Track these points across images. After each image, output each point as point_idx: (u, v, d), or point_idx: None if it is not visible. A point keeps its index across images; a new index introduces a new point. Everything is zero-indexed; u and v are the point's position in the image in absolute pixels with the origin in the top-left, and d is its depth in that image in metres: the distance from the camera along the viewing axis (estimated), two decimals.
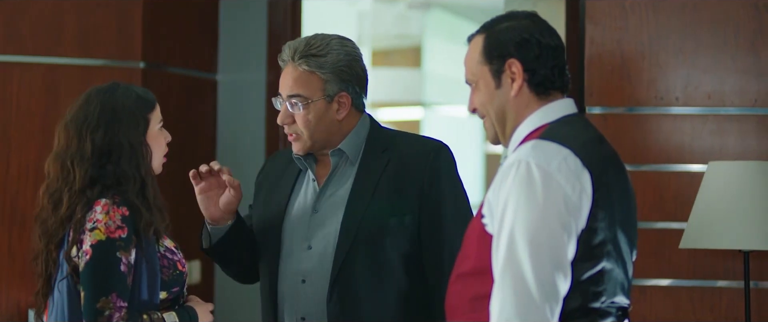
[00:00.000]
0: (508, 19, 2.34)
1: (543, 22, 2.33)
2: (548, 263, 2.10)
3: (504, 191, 2.17)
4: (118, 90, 2.66)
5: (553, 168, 2.15)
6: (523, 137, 2.28)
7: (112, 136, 2.60)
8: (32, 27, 4.30)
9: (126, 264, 2.51)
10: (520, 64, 2.28)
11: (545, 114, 2.28)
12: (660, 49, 3.94)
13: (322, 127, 2.80)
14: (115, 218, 2.53)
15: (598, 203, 2.17)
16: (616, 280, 2.22)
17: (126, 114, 2.62)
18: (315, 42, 2.80)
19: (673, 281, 3.91)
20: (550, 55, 2.29)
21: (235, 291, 4.77)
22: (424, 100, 13.05)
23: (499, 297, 2.11)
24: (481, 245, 2.22)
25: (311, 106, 2.78)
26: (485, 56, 2.32)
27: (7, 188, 4.26)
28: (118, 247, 2.51)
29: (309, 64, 2.77)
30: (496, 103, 2.32)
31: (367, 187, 2.78)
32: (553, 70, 2.29)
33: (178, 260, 2.66)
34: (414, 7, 12.26)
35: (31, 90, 4.29)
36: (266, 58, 4.90)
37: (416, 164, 2.78)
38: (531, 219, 2.12)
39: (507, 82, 2.29)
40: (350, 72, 2.80)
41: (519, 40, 2.28)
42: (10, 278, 4.23)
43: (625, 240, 2.24)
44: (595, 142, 2.26)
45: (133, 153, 2.61)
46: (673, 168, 3.93)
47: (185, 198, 4.63)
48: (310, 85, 2.78)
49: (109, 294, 2.49)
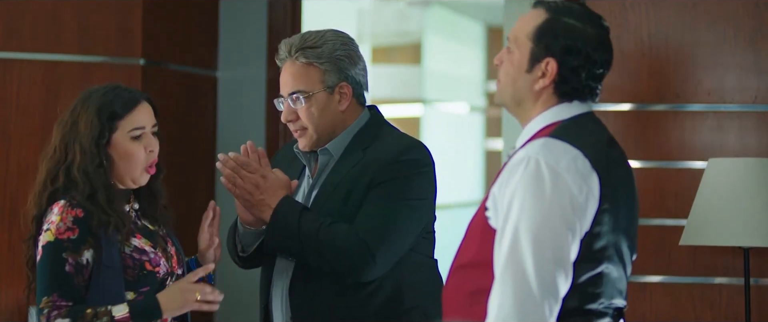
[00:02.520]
0: (575, 15, 2.27)
1: (605, 35, 2.28)
2: (550, 261, 2.10)
3: (511, 186, 2.16)
4: (95, 92, 2.65)
5: (562, 168, 2.14)
6: (535, 132, 2.26)
7: (68, 139, 2.62)
8: (32, 24, 4.29)
9: (72, 265, 2.53)
10: (557, 68, 2.24)
11: (560, 111, 2.27)
12: (659, 47, 3.93)
13: (325, 120, 2.81)
14: (67, 220, 2.55)
15: (604, 207, 2.16)
16: (615, 283, 2.22)
17: (84, 121, 2.61)
18: (310, 35, 2.82)
19: (673, 277, 3.92)
20: (590, 71, 2.25)
21: (235, 291, 4.77)
22: (424, 97, 13.06)
23: (499, 293, 2.11)
24: (484, 238, 2.22)
25: (313, 99, 2.79)
26: (535, 37, 2.26)
27: (6, 185, 4.26)
28: (65, 248, 2.53)
29: (306, 56, 2.79)
30: (519, 84, 2.28)
31: (333, 184, 2.80)
32: (584, 85, 2.26)
33: (149, 259, 2.63)
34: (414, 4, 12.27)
35: (31, 87, 4.29)
36: (266, 55, 4.89)
37: (378, 159, 2.78)
38: (536, 217, 2.12)
39: (537, 73, 2.26)
40: (348, 62, 2.82)
41: (569, 45, 2.23)
42: (10, 275, 4.23)
43: (626, 244, 2.24)
44: (605, 145, 2.25)
45: (83, 159, 2.60)
46: (673, 165, 3.93)
47: (185, 196, 4.63)
48: (310, 78, 2.79)
49: (51, 294, 2.52)
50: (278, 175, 2.79)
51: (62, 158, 2.62)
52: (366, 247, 2.70)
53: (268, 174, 2.78)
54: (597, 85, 2.28)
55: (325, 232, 2.71)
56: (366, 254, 2.70)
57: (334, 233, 2.71)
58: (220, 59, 4.93)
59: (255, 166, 2.78)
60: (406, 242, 2.77)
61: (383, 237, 2.71)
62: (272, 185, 2.77)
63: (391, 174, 2.75)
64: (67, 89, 4.22)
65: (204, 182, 4.82)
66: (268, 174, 2.78)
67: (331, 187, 2.79)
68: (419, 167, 2.79)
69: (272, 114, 4.84)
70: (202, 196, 4.81)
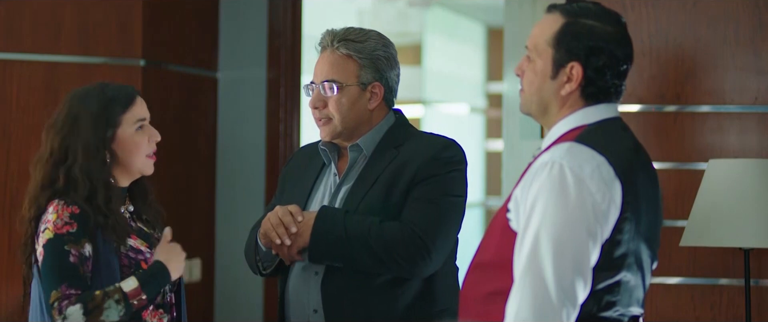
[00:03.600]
0: (594, 15, 2.25)
1: (623, 30, 2.27)
2: (570, 267, 2.09)
3: (533, 190, 2.15)
4: (91, 93, 2.67)
5: (586, 174, 2.12)
6: (560, 135, 2.24)
7: (69, 141, 2.63)
8: (32, 25, 4.29)
9: (76, 255, 2.54)
10: (582, 70, 2.23)
11: (586, 115, 2.25)
12: (660, 47, 3.93)
13: (353, 115, 2.83)
14: (63, 216, 2.56)
15: (626, 215, 2.15)
16: (633, 291, 2.21)
17: (86, 118, 2.63)
18: (354, 30, 2.86)
19: (673, 278, 3.91)
20: (615, 69, 2.23)
21: (236, 290, 4.77)
22: (425, 97, 13.04)
23: (518, 296, 2.10)
24: (503, 239, 2.21)
25: (345, 91, 2.82)
26: (555, 43, 2.24)
27: (6, 186, 4.26)
28: (67, 240, 2.54)
29: (347, 48, 2.82)
30: (544, 91, 2.27)
31: (368, 181, 2.80)
32: (610, 85, 2.24)
33: (144, 259, 2.65)
34: (414, 4, 12.25)
35: (31, 88, 4.29)
36: (266, 56, 4.89)
37: (419, 155, 2.80)
38: (558, 222, 2.11)
39: (562, 78, 2.24)
40: (386, 63, 2.86)
41: (593, 46, 2.22)
42: (10, 275, 4.23)
43: (647, 252, 2.23)
44: (630, 152, 2.23)
45: (86, 158, 2.61)
46: (673, 166, 3.93)
47: (184, 196, 4.63)
48: (347, 70, 2.82)
49: (59, 286, 2.52)
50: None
51: (61, 160, 2.62)
52: (422, 242, 2.72)
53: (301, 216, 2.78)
54: (622, 83, 2.27)
55: (377, 231, 2.72)
56: (423, 249, 2.72)
57: (388, 232, 2.72)
58: (221, 60, 4.93)
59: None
60: (454, 237, 2.82)
61: (436, 231, 2.74)
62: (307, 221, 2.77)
63: (434, 171, 2.77)
64: (68, 90, 4.17)
65: (204, 182, 4.82)
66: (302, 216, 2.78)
67: (368, 183, 2.80)
68: (458, 164, 2.84)
69: (272, 115, 4.85)
70: (202, 196, 4.81)
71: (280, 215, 2.75)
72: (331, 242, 2.73)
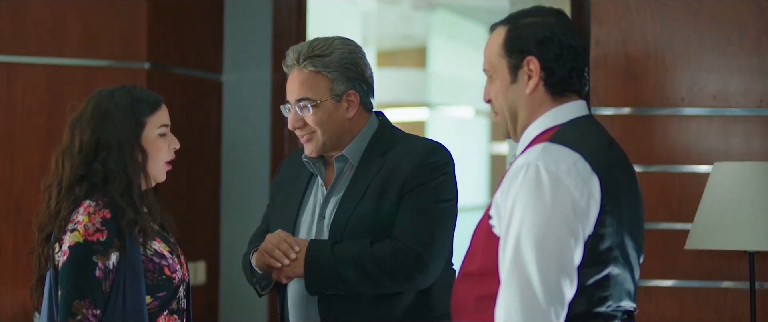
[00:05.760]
0: (533, 14, 2.31)
1: (568, 21, 2.31)
2: (554, 267, 2.10)
3: (512, 193, 2.16)
4: (119, 91, 2.67)
5: (562, 172, 2.13)
6: (533, 137, 2.26)
7: (100, 134, 2.60)
8: (36, 28, 4.30)
9: (102, 269, 2.52)
10: (539, 62, 2.25)
11: (557, 115, 2.27)
12: (665, 50, 3.93)
13: (334, 127, 2.81)
14: (95, 221, 2.54)
15: (606, 208, 2.16)
16: (623, 285, 2.21)
17: (118, 114, 2.62)
18: (318, 43, 2.81)
19: (678, 281, 3.91)
20: (570, 57, 2.26)
21: (240, 293, 4.77)
22: (429, 100, 13.05)
23: (505, 300, 2.11)
24: (489, 246, 2.22)
25: (320, 107, 2.79)
26: (505, 49, 2.29)
27: (11, 188, 4.27)
28: (95, 250, 2.52)
29: (314, 65, 2.78)
30: (510, 99, 2.30)
31: (359, 190, 2.79)
32: (570, 72, 2.27)
33: (167, 265, 2.64)
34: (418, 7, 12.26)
35: (36, 91, 4.29)
36: (271, 59, 4.90)
37: (406, 163, 2.78)
38: (538, 223, 2.11)
39: (523, 78, 2.27)
40: (356, 70, 2.81)
41: (541, 38, 2.25)
42: (15, 278, 4.23)
43: (632, 245, 2.23)
44: (605, 147, 2.24)
45: (121, 152, 2.60)
46: (678, 169, 3.93)
47: (188, 199, 4.64)
48: (318, 86, 2.79)
49: (83, 299, 2.51)
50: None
51: (92, 153, 2.61)
52: (417, 254, 2.71)
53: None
54: (583, 74, 2.29)
55: (370, 254, 2.72)
56: (419, 262, 2.71)
57: (381, 252, 2.72)
58: (225, 63, 4.94)
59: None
60: (449, 244, 2.81)
61: (431, 241, 2.73)
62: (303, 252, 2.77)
63: (423, 178, 2.76)
64: (72, 93, 4.22)
65: (208, 185, 4.83)
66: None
67: (357, 195, 2.78)
68: (446, 167, 2.81)
69: (277, 118, 4.85)
70: (206, 199, 4.81)
71: (275, 243, 2.76)
72: (327, 273, 2.73)
